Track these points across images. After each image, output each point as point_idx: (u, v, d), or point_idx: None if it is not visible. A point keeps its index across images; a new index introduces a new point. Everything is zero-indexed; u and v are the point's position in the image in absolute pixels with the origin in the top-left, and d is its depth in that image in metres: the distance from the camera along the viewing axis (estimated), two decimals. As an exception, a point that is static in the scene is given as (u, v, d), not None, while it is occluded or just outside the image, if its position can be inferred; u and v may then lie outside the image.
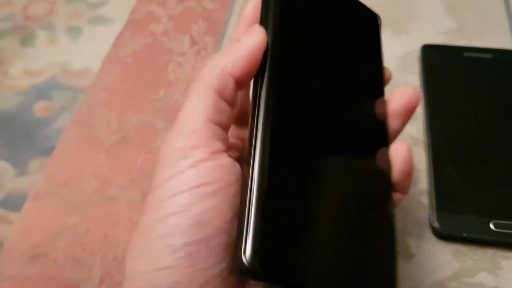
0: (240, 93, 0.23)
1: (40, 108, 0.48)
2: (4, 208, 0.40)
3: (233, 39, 0.25)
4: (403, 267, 0.34)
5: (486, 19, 0.49)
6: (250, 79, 0.22)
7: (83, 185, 0.39)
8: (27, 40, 0.51)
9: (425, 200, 0.37)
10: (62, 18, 0.54)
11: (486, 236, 0.34)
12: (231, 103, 0.22)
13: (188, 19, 0.50)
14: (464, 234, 0.34)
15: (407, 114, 0.26)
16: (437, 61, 0.44)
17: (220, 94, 0.21)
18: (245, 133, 0.22)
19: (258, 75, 0.22)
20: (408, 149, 0.25)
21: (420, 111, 0.42)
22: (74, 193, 0.38)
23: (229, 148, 0.22)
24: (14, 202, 0.42)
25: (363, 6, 0.29)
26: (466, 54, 0.45)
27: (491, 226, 0.34)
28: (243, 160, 0.21)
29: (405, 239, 0.35)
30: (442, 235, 0.35)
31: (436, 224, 0.35)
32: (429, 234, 0.35)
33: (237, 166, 0.21)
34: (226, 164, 0.20)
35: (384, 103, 0.27)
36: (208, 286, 0.19)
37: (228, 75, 0.21)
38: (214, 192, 0.19)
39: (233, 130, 0.26)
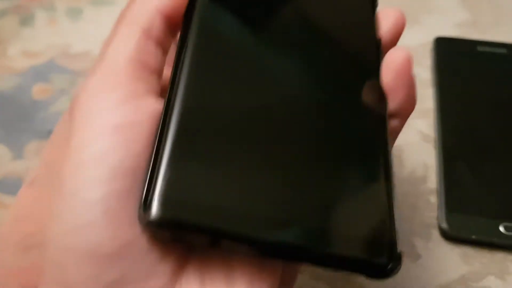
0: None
1: (38, 91, 0.47)
2: (0, 191, 0.39)
3: None
4: (408, 268, 0.33)
5: (502, 12, 0.47)
6: (180, 17, 0.20)
7: (81, 173, 0.37)
8: (26, 20, 0.50)
9: (433, 199, 0.36)
10: (63, -2, 0.52)
11: (496, 239, 0.33)
12: (161, 44, 0.20)
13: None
14: (473, 237, 0.33)
15: (394, 41, 0.24)
16: (450, 54, 0.43)
17: (147, 34, 0.19)
18: None
19: (188, 8, 0.20)
20: (406, 57, 0.21)
21: (430, 106, 0.41)
22: (71, 181, 0.37)
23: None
24: (10, 186, 0.40)
25: None
26: (480, 48, 0.43)
27: (501, 229, 0.33)
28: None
29: (412, 239, 0.34)
30: (450, 237, 0.34)
31: (444, 225, 0.34)
32: (436, 235, 0.34)
33: (161, 109, 0.19)
34: (149, 106, 0.18)
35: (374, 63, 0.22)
36: (132, 247, 0.17)
37: (156, 12, 0.20)
38: (133, 137, 0.17)
39: None
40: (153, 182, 0.16)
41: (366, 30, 0.23)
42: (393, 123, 0.22)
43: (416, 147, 0.39)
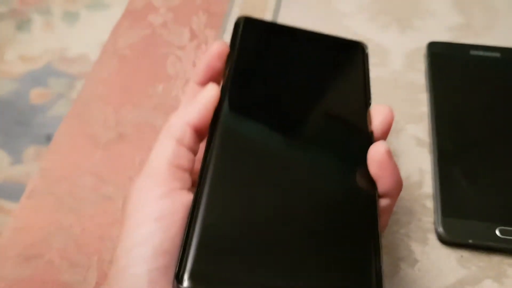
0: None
1: (35, 95, 0.47)
2: (0, 196, 0.39)
3: (189, 90, 0.30)
4: (406, 273, 0.33)
5: (494, 16, 0.47)
6: (207, 126, 0.26)
7: (79, 183, 0.38)
8: (23, 25, 0.50)
9: (430, 204, 0.36)
10: (59, 3, 0.53)
11: (492, 243, 0.33)
12: (191, 149, 0.25)
13: (187, 11, 0.48)
14: (470, 241, 0.34)
15: (384, 133, 0.28)
16: (444, 59, 0.43)
17: (180, 142, 0.25)
18: None
19: (213, 121, 0.26)
20: (386, 150, 0.25)
21: (425, 111, 0.41)
22: (69, 192, 0.37)
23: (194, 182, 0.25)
24: (10, 191, 0.41)
25: (342, 39, 0.31)
26: (473, 52, 0.43)
27: (497, 232, 0.34)
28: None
29: (409, 244, 0.35)
30: (447, 241, 0.34)
31: (441, 230, 0.34)
32: (433, 239, 0.35)
33: None
34: (183, 198, 0.23)
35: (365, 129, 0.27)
36: None
37: (186, 125, 0.25)
38: (171, 223, 0.22)
39: None
40: (184, 259, 0.20)
41: (360, 124, 0.27)
42: (384, 201, 0.26)
43: (411, 152, 0.39)
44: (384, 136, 0.28)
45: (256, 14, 0.48)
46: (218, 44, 0.28)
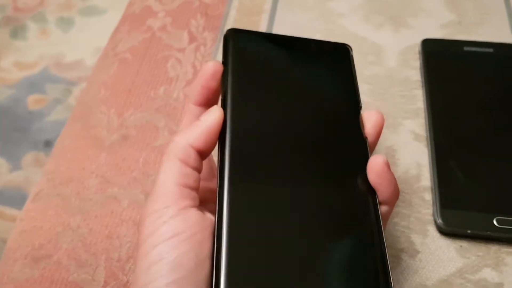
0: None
1: (33, 101, 0.47)
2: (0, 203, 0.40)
3: (187, 111, 0.31)
4: (408, 263, 0.34)
5: (486, 12, 0.48)
6: (211, 148, 0.27)
7: (85, 185, 0.38)
8: (18, 32, 0.50)
9: (428, 196, 0.37)
10: (54, 9, 0.53)
11: (490, 233, 0.34)
12: (196, 168, 0.27)
13: (186, 14, 0.49)
14: (468, 231, 0.35)
15: (377, 137, 0.29)
16: (438, 55, 0.44)
17: (185, 163, 0.26)
18: None
19: (220, 138, 0.27)
20: (383, 162, 0.27)
21: (421, 107, 0.42)
22: (76, 193, 0.38)
23: (205, 201, 0.27)
24: (9, 197, 0.41)
25: (327, 43, 0.32)
26: (466, 48, 0.44)
27: (495, 222, 0.35)
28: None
29: (409, 236, 0.35)
30: (446, 232, 0.35)
31: (440, 221, 0.35)
32: (433, 230, 0.36)
33: (203, 216, 0.25)
34: (193, 216, 0.25)
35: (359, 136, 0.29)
36: None
37: (190, 147, 0.26)
38: (183, 240, 0.24)
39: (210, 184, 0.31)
40: (217, 283, 0.22)
41: (355, 130, 0.29)
42: (383, 209, 0.27)
43: (409, 147, 0.40)
44: (376, 138, 0.29)
45: (252, 15, 0.48)
46: (211, 65, 0.29)
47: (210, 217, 0.25)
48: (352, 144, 0.28)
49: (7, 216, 0.42)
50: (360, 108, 0.30)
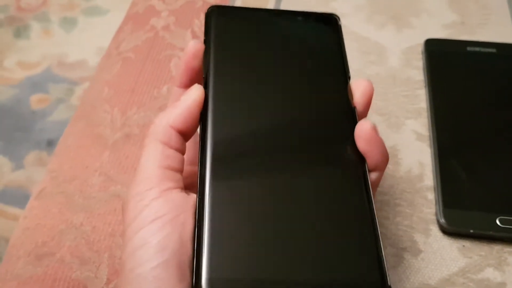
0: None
1: (36, 101, 0.47)
2: (1, 202, 0.40)
3: (172, 95, 0.30)
4: (410, 263, 0.34)
5: (488, 12, 0.48)
6: (192, 128, 0.26)
7: (88, 183, 0.38)
8: (21, 31, 0.50)
9: (431, 196, 0.37)
10: (56, 9, 0.53)
11: (493, 232, 0.34)
12: (178, 149, 0.26)
13: (189, 14, 0.49)
14: (471, 230, 0.35)
15: (366, 106, 0.28)
16: (441, 55, 0.44)
17: (167, 144, 0.26)
18: None
19: (201, 118, 0.26)
20: (371, 127, 0.26)
21: (424, 106, 0.42)
22: (79, 191, 0.38)
23: (192, 186, 0.26)
24: (11, 196, 0.41)
25: (314, 14, 0.31)
26: (469, 48, 0.44)
27: (497, 222, 0.35)
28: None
29: (412, 235, 0.35)
30: (449, 231, 0.35)
31: (443, 220, 0.35)
32: (435, 230, 0.36)
33: (187, 197, 0.25)
34: (175, 197, 0.24)
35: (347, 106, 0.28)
36: None
37: (170, 128, 0.26)
38: (166, 222, 0.23)
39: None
40: (200, 268, 0.22)
41: (343, 100, 0.28)
42: (374, 175, 0.26)
43: (412, 146, 0.40)
44: (366, 108, 0.28)
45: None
46: (192, 44, 0.28)
47: (195, 198, 0.25)
48: (340, 114, 0.27)
49: (9, 215, 0.43)
50: (349, 78, 0.29)
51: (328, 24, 0.31)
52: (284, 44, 0.29)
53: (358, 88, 0.28)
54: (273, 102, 0.27)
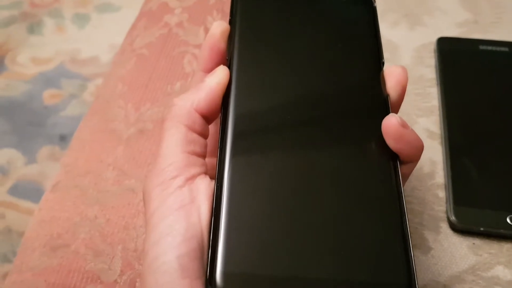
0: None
1: (48, 96, 0.48)
2: (14, 195, 0.41)
3: (196, 79, 0.29)
4: (420, 260, 0.34)
5: (502, 11, 0.48)
6: (216, 111, 0.25)
7: (102, 177, 0.39)
8: (34, 27, 0.51)
9: (442, 193, 0.37)
10: (70, 5, 0.54)
11: (503, 230, 0.34)
12: (202, 133, 0.25)
13: (202, 11, 0.50)
14: (481, 228, 0.35)
15: (400, 96, 0.27)
16: (453, 54, 0.44)
17: (191, 128, 0.24)
18: None
19: (223, 102, 0.25)
20: (397, 123, 0.24)
21: (435, 105, 0.42)
22: (93, 185, 0.39)
23: (213, 178, 0.24)
24: (24, 190, 0.42)
25: None
26: (482, 47, 0.44)
27: (508, 220, 0.35)
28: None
29: (423, 232, 0.36)
30: (459, 229, 0.35)
31: (453, 218, 0.35)
32: (446, 227, 0.36)
33: (212, 183, 0.24)
34: (201, 184, 0.24)
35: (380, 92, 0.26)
36: None
37: (194, 111, 0.25)
38: (194, 210, 0.23)
39: None
40: (215, 262, 0.21)
41: (376, 88, 0.26)
42: (405, 167, 0.25)
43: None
44: (400, 99, 0.27)
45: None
46: (217, 24, 0.27)
47: None
48: (372, 102, 0.25)
49: (22, 208, 0.43)
50: (383, 64, 0.27)
51: (363, 4, 0.29)
52: (314, 25, 0.27)
53: (392, 74, 0.26)
54: (301, 88, 0.25)
